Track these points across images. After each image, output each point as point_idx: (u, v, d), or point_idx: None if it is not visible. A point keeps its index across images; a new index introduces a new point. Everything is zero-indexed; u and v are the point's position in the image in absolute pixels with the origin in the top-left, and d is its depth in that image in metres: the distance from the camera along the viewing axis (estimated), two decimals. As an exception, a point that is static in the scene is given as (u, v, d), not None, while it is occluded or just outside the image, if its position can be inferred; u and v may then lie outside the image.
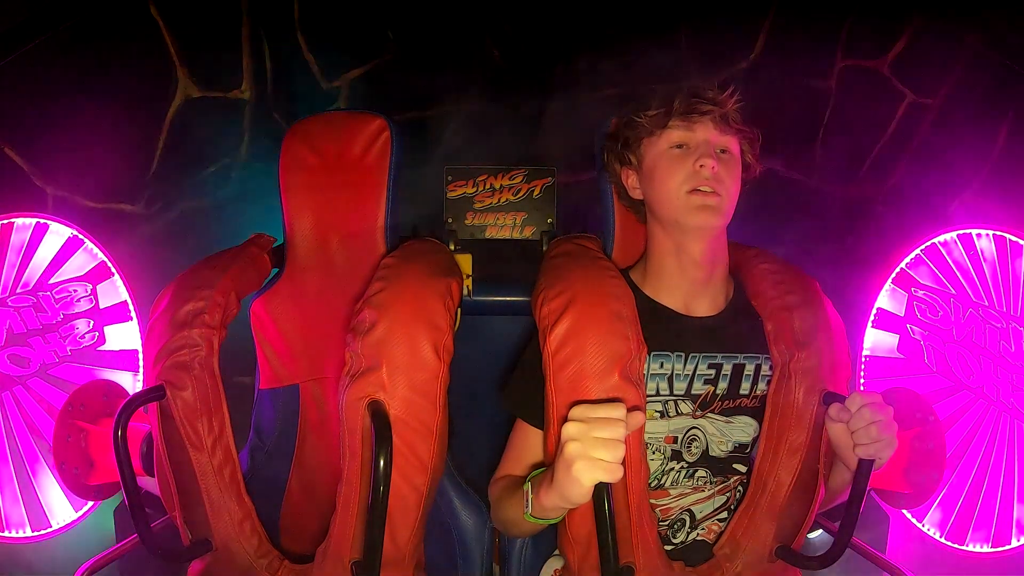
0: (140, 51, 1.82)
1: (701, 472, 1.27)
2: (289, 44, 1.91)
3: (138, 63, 1.83)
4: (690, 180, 1.20)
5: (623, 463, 0.96)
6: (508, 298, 1.75)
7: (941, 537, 1.56)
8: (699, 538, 1.29)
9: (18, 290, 1.67)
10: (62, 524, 1.66)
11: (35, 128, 1.78)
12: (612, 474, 0.95)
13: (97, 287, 1.71)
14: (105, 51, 1.77)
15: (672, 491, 1.27)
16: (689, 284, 1.28)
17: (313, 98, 1.94)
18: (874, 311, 1.70)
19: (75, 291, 1.70)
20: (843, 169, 1.91)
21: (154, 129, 1.87)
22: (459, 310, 1.25)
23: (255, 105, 1.92)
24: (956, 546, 1.56)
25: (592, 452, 0.94)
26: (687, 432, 1.26)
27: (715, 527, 1.29)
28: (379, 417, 1.08)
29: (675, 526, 1.28)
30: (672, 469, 1.26)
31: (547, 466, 1.11)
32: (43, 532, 1.65)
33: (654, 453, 1.25)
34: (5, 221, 1.68)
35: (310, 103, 1.93)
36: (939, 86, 1.85)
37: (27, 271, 1.68)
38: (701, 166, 1.20)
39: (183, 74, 1.87)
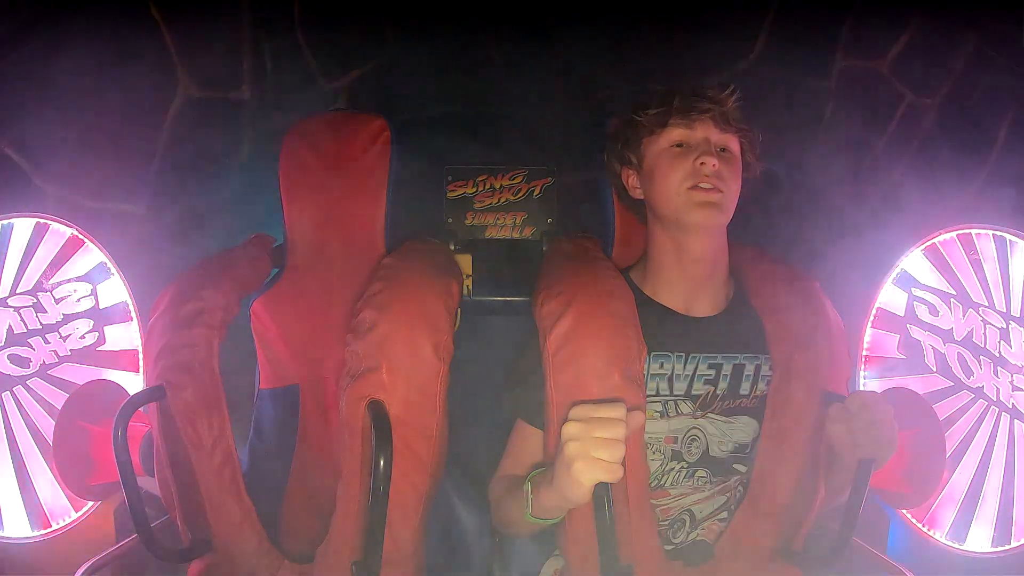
0: (140, 51, 1.82)
1: (701, 472, 1.27)
2: (289, 44, 1.91)
3: (138, 63, 1.82)
4: (690, 177, 1.20)
5: (623, 463, 0.96)
6: (508, 298, 1.75)
7: (941, 537, 1.56)
8: (699, 538, 1.29)
9: (18, 290, 1.67)
10: (62, 524, 1.65)
11: (35, 128, 1.78)
12: (612, 474, 0.95)
13: (97, 287, 1.71)
14: (105, 51, 1.77)
15: (672, 491, 1.27)
16: (689, 284, 1.28)
17: (313, 98, 1.93)
18: (874, 311, 1.70)
19: (75, 291, 1.70)
20: (843, 169, 1.91)
21: (154, 129, 1.87)
22: (459, 310, 1.25)
23: (255, 105, 1.91)
24: (956, 546, 1.55)
25: (592, 452, 0.95)
26: (687, 432, 1.26)
27: (715, 527, 1.29)
28: (379, 417, 1.08)
29: (675, 526, 1.28)
30: (672, 469, 1.26)
31: (547, 466, 1.11)
32: (43, 532, 1.65)
33: (654, 453, 1.25)
34: (5, 221, 1.68)
35: (310, 103, 1.93)
36: (939, 86, 1.85)
37: (27, 271, 1.68)
38: (701, 163, 1.20)
39: (183, 74, 1.87)
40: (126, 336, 1.72)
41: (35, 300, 1.67)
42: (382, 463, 1.02)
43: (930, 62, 1.84)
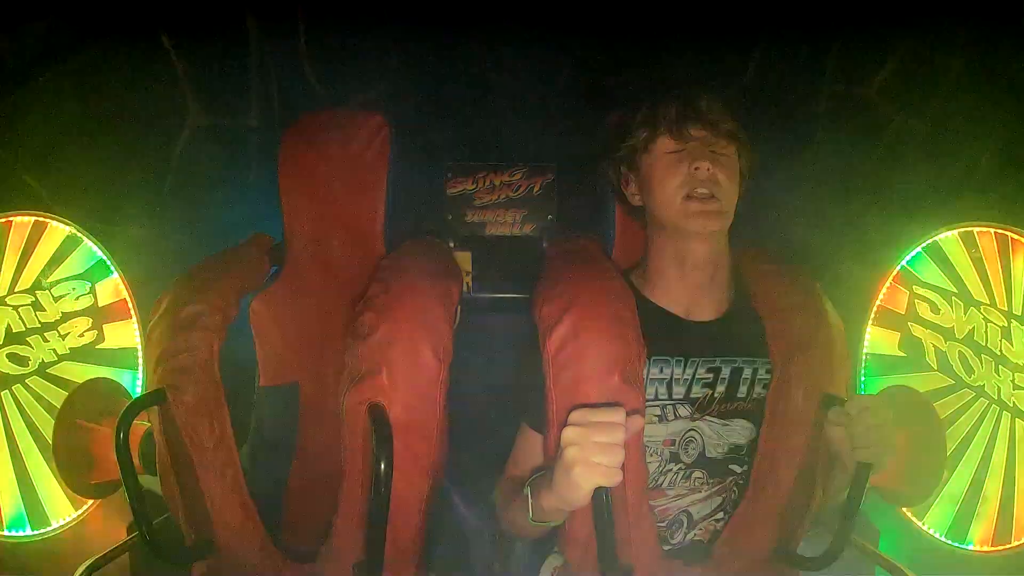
0: (151, 80, 1.81)
1: (698, 473, 1.27)
2: (296, 72, 1.90)
3: (148, 92, 1.82)
4: (686, 184, 1.20)
5: (622, 467, 0.96)
6: (508, 295, 1.75)
7: (941, 537, 1.57)
8: (696, 538, 1.29)
9: (16, 288, 1.67)
10: (62, 524, 1.66)
11: (49, 155, 1.77)
12: (611, 478, 0.95)
13: (96, 285, 1.70)
14: (117, 80, 1.77)
15: (669, 492, 1.27)
16: (690, 289, 1.27)
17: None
18: (874, 309, 1.69)
19: (73, 289, 1.69)
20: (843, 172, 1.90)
21: (164, 156, 1.86)
22: (459, 308, 1.25)
23: (263, 132, 1.91)
24: (956, 546, 1.56)
25: (591, 456, 0.94)
26: (684, 434, 1.26)
27: (712, 527, 1.29)
28: (380, 421, 1.08)
29: (673, 527, 1.28)
30: (670, 471, 1.26)
31: (547, 470, 1.11)
32: (43, 532, 1.65)
33: (651, 456, 1.25)
34: (3, 219, 1.67)
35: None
36: (926, 109, 1.84)
37: (26, 269, 1.68)
38: (696, 168, 1.19)
39: (192, 102, 1.85)
40: (125, 334, 1.72)
41: (34, 298, 1.67)
42: (383, 466, 1.02)
43: (918, 85, 1.84)
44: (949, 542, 1.56)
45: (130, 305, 1.71)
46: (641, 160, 1.28)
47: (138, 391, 1.67)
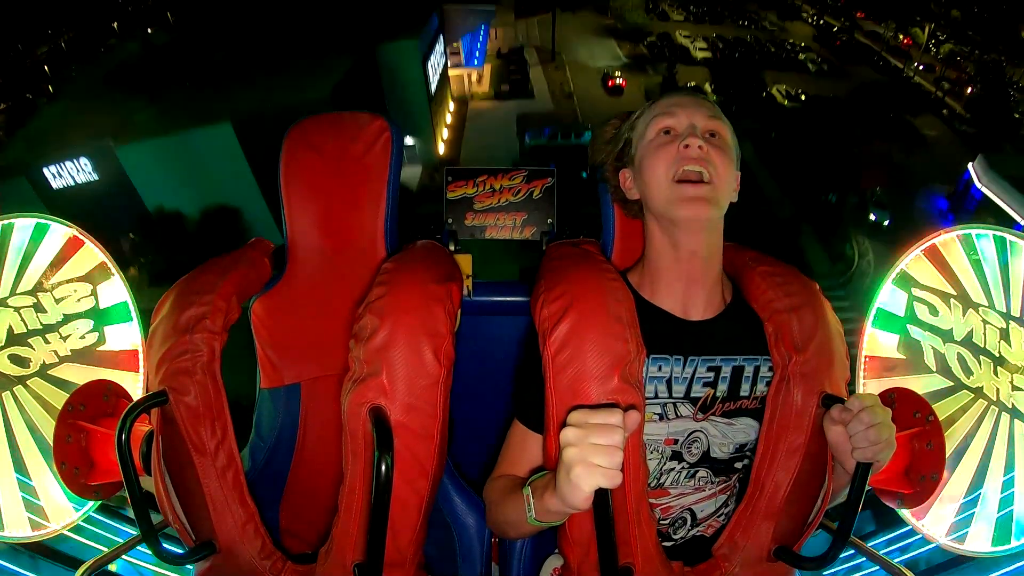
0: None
1: (702, 472, 1.27)
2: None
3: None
4: (677, 163, 1.20)
5: (622, 468, 0.97)
6: (508, 298, 1.75)
7: (941, 537, 1.56)
8: (698, 534, 1.29)
9: (18, 290, 1.67)
10: (62, 524, 1.65)
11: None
12: (611, 480, 0.95)
13: (97, 287, 1.70)
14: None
15: (672, 491, 1.27)
16: (686, 282, 1.27)
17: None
18: (874, 310, 1.69)
19: (75, 291, 1.69)
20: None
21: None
22: (459, 311, 1.25)
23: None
24: (956, 546, 1.55)
25: (590, 458, 0.95)
26: (689, 435, 1.26)
27: (716, 523, 1.29)
28: (380, 423, 1.09)
29: (675, 524, 1.28)
30: (672, 469, 1.26)
31: (546, 469, 1.11)
32: (43, 532, 1.65)
33: (652, 453, 1.25)
34: (6, 221, 1.67)
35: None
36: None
37: (27, 271, 1.67)
38: (686, 146, 1.19)
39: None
40: (126, 336, 1.71)
41: (35, 300, 1.67)
42: (383, 467, 1.03)
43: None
44: (949, 543, 1.56)
45: (132, 307, 1.71)
46: (635, 149, 1.29)
47: (139, 393, 1.66)
